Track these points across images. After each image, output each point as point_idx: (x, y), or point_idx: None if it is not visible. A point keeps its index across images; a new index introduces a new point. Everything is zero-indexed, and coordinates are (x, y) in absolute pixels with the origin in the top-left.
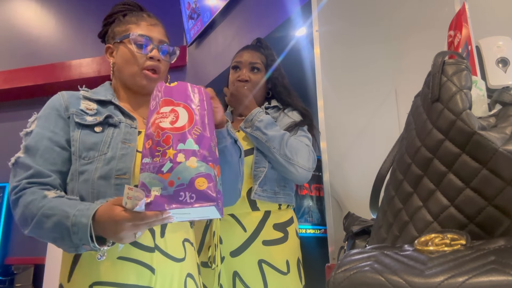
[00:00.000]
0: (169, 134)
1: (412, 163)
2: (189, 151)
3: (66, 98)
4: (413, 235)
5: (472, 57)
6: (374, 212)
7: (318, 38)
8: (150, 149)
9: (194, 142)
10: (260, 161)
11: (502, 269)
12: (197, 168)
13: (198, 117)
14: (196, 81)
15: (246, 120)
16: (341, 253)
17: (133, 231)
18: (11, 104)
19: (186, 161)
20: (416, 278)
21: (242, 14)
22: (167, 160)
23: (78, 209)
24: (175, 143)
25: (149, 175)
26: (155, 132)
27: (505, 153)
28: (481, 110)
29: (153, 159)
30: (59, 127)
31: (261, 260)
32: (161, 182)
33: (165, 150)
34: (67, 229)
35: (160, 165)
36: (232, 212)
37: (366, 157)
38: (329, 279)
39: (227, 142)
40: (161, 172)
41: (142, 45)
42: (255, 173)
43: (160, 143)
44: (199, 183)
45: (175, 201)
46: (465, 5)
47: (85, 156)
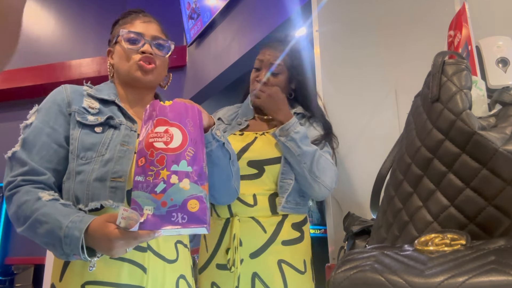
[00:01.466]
0: (163, 154)
1: (412, 163)
2: (183, 172)
3: (69, 93)
4: (413, 235)
5: (472, 57)
6: (374, 212)
7: (318, 38)
8: (143, 168)
9: (188, 163)
10: (288, 172)
11: (502, 269)
12: (189, 190)
13: (192, 137)
14: (196, 81)
15: (282, 129)
16: (341, 253)
17: (124, 248)
18: (11, 104)
19: (180, 183)
20: (416, 278)
21: (242, 14)
22: (160, 180)
23: (71, 220)
24: (169, 164)
25: (143, 194)
26: (149, 151)
27: (505, 153)
28: (481, 110)
29: (146, 178)
30: (59, 124)
31: (281, 260)
32: (154, 202)
33: (159, 171)
34: (59, 238)
35: (153, 185)
36: (252, 215)
37: (366, 157)
38: (329, 279)
39: (213, 146)
40: (155, 192)
41: (134, 41)
42: (282, 184)
43: (154, 163)
44: (192, 205)
45: (167, 222)
46: (465, 5)
47: (83, 156)
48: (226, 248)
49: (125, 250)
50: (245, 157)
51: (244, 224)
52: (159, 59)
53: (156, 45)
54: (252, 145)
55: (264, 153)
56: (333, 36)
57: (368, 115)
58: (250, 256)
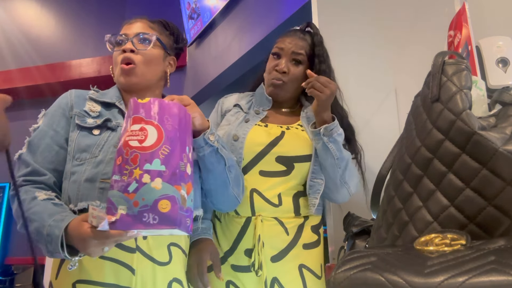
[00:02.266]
0: (136, 153)
1: (412, 163)
2: (155, 172)
3: (73, 97)
4: (413, 235)
5: (472, 57)
6: (375, 212)
7: None
8: (120, 167)
9: (161, 162)
10: (318, 172)
11: (502, 269)
12: (161, 190)
13: (169, 136)
14: (196, 81)
15: (327, 129)
16: (341, 253)
17: (99, 247)
18: (11, 104)
19: (151, 182)
20: (416, 278)
21: (242, 14)
22: (133, 180)
23: (54, 219)
24: (142, 163)
25: (117, 193)
26: (125, 150)
27: (505, 153)
28: (481, 110)
29: (122, 177)
30: (61, 126)
31: (301, 265)
32: (127, 202)
33: (132, 170)
34: (43, 237)
35: (126, 184)
36: (275, 215)
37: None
38: (329, 279)
39: (205, 151)
40: (127, 191)
41: (119, 43)
42: (312, 184)
43: (128, 161)
44: (163, 205)
45: (139, 222)
46: (465, 5)
47: (78, 157)
48: (245, 248)
49: (102, 250)
50: (274, 152)
51: (267, 224)
52: (141, 55)
53: (139, 40)
54: (282, 139)
55: (294, 149)
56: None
57: (368, 115)
58: (272, 259)
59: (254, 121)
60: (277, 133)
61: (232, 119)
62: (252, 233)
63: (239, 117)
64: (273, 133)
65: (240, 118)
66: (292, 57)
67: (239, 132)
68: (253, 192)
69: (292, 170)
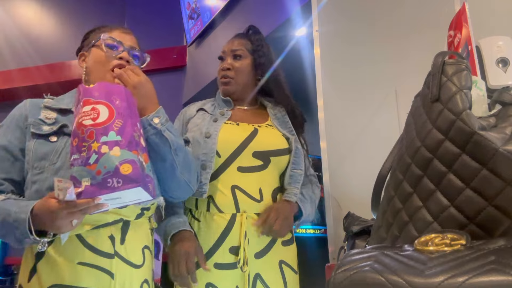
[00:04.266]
0: (92, 130)
1: (412, 163)
2: (112, 142)
3: (28, 107)
4: (413, 235)
5: (472, 57)
6: (375, 212)
7: (318, 38)
8: (77, 146)
9: (116, 133)
10: (297, 163)
11: (502, 269)
12: (120, 156)
13: (119, 112)
14: (196, 81)
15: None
16: (341, 253)
17: (69, 219)
18: (11, 104)
19: (110, 151)
20: (416, 278)
21: (242, 14)
22: (92, 152)
23: (19, 206)
24: (98, 136)
25: (78, 168)
26: (80, 130)
27: (505, 153)
28: (481, 110)
29: (81, 154)
30: (15, 137)
31: (281, 261)
32: (89, 173)
33: (90, 144)
34: (10, 225)
35: (87, 158)
36: (258, 211)
37: (366, 157)
38: (329, 279)
39: (149, 133)
40: (89, 164)
41: (113, 47)
42: (292, 174)
43: (85, 139)
44: (124, 168)
45: (104, 188)
46: (465, 5)
47: (37, 166)
48: (230, 246)
49: (71, 223)
50: (251, 147)
51: (251, 221)
52: None
53: (134, 55)
54: (256, 135)
55: (270, 144)
56: (333, 36)
57: (368, 115)
58: (255, 256)
59: (222, 120)
60: (250, 130)
61: (199, 121)
62: (238, 230)
63: (206, 118)
64: (247, 130)
65: (207, 119)
66: (232, 54)
67: (210, 129)
68: (234, 189)
69: (268, 164)
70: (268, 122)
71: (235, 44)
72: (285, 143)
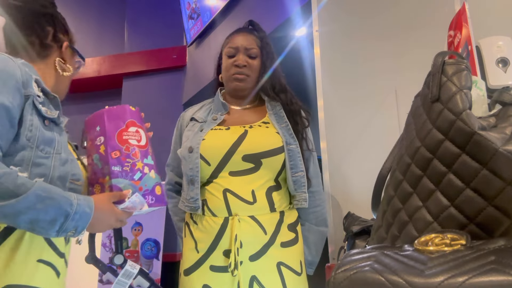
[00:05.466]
0: (137, 150)
1: (411, 163)
2: (150, 165)
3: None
4: (413, 235)
5: (472, 57)
6: (375, 212)
7: (318, 38)
8: (118, 159)
9: (151, 158)
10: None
11: (502, 269)
12: (155, 178)
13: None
14: (196, 81)
15: None
16: (341, 253)
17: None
18: None
19: (149, 173)
20: (416, 278)
21: (242, 14)
22: (137, 170)
23: (76, 197)
24: (142, 157)
25: (124, 181)
26: (124, 146)
27: (505, 153)
28: (481, 110)
29: (123, 168)
30: (16, 102)
31: (280, 263)
32: (134, 188)
33: (135, 162)
34: (66, 214)
35: (132, 174)
36: (252, 213)
37: (366, 157)
38: (329, 279)
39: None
40: (133, 179)
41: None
42: (295, 179)
43: (130, 156)
44: (158, 189)
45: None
46: (465, 5)
47: (43, 149)
48: (224, 249)
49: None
50: (240, 151)
51: (244, 224)
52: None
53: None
54: (245, 138)
55: (259, 145)
56: (333, 36)
57: (368, 115)
58: (250, 258)
59: (210, 127)
60: (239, 133)
61: (189, 133)
62: (230, 234)
63: (194, 129)
64: (236, 134)
65: (195, 130)
66: (246, 53)
67: (193, 143)
68: (226, 192)
69: (260, 166)
70: (264, 119)
71: (249, 41)
72: (278, 142)
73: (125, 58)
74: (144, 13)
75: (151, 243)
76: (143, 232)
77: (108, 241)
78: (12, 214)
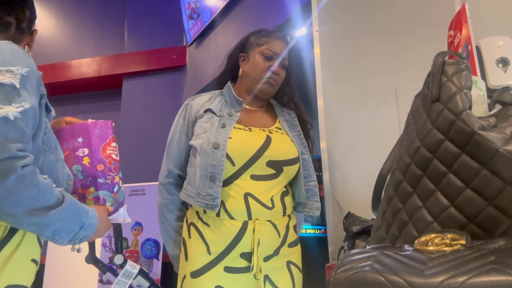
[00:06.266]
0: (116, 164)
1: (411, 163)
2: (121, 179)
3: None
4: (413, 235)
5: (472, 57)
6: (376, 212)
7: (318, 38)
8: (103, 172)
9: (121, 172)
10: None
11: (502, 269)
12: (124, 192)
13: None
14: (196, 81)
15: None
16: (341, 253)
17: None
18: None
19: (122, 186)
20: (416, 278)
21: (242, 14)
22: (116, 183)
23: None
24: (118, 171)
25: (107, 194)
26: (107, 160)
27: (505, 153)
28: (481, 110)
29: (105, 180)
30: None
31: (289, 261)
32: (113, 199)
33: (114, 176)
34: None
35: (112, 186)
36: (269, 218)
37: (366, 157)
38: (329, 279)
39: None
40: (113, 192)
41: None
42: (308, 188)
43: (112, 169)
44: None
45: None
46: (465, 5)
47: (53, 152)
48: (242, 252)
49: None
50: (265, 156)
51: (262, 227)
52: None
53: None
54: (271, 144)
55: (283, 153)
56: (333, 36)
57: (368, 115)
58: (264, 259)
59: (231, 124)
60: (263, 137)
61: (207, 126)
62: (251, 237)
63: (214, 122)
64: (261, 137)
65: (215, 124)
66: (282, 63)
67: (219, 140)
68: (247, 196)
69: (281, 173)
70: (277, 125)
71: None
72: (295, 152)
73: (125, 58)
74: (144, 13)
75: (151, 243)
76: (143, 232)
77: (108, 241)
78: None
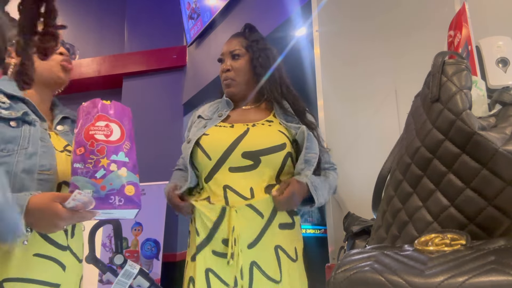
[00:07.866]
0: (103, 145)
1: (411, 163)
2: (121, 162)
3: None
4: (413, 235)
5: (472, 57)
6: (376, 212)
7: (318, 38)
8: (82, 156)
9: (125, 155)
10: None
11: (502, 269)
12: (127, 177)
13: (128, 134)
14: (196, 81)
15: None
16: (341, 253)
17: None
18: None
19: (118, 170)
20: (416, 278)
21: (242, 14)
22: (100, 167)
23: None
24: (109, 154)
25: (82, 179)
26: (89, 142)
27: (505, 153)
28: (481, 110)
29: (85, 165)
30: None
31: (277, 246)
32: (94, 186)
33: (99, 159)
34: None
35: (93, 171)
36: (249, 202)
37: (366, 157)
38: (329, 279)
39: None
40: (95, 177)
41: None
42: (307, 159)
43: (94, 152)
44: (129, 189)
45: (105, 204)
46: (465, 5)
47: (3, 149)
48: (223, 238)
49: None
50: (240, 148)
51: (241, 213)
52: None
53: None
54: (246, 136)
55: (259, 143)
56: (333, 36)
57: (368, 115)
58: (248, 246)
59: (214, 123)
60: (241, 130)
61: (195, 130)
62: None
63: (199, 126)
64: (238, 131)
65: (199, 126)
66: (230, 55)
67: (192, 137)
68: (226, 188)
69: (259, 163)
70: (268, 118)
71: (232, 44)
72: (281, 139)
73: (125, 58)
74: (144, 13)
75: (151, 243)
76: (143, 232)
77: (108, 241)
78: None
